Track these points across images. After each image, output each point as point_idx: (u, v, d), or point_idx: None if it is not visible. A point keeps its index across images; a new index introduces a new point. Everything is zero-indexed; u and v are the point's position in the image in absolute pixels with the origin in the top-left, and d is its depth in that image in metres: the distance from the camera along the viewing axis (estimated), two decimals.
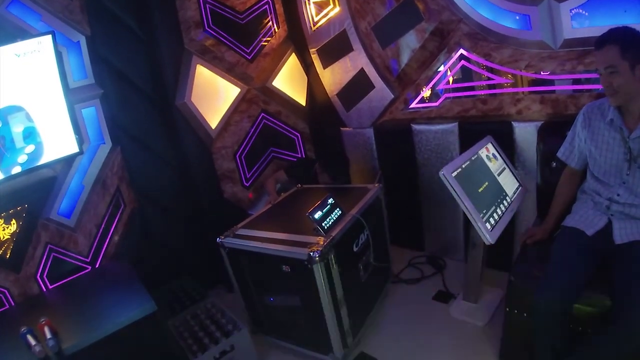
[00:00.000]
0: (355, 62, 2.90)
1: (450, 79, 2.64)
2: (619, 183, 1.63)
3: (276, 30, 3.19)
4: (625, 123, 1.58)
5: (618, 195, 1.63)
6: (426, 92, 2.74)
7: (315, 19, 3.08)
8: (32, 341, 1.69)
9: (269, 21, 3.14)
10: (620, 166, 1.62)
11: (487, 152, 2.20)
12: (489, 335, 2.10)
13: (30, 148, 2.19)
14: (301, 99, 3.39)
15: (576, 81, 2.18)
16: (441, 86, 2.65)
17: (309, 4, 3.06)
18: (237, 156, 3.05)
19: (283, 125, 3.32)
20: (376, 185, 2.50)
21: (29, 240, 2.25)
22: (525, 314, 1.73)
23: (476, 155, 2.12)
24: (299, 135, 3.37)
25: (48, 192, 2.33)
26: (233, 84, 3.02)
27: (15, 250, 2.21)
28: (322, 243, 1.89)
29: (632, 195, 1.60)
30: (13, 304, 2.22)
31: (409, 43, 2.69)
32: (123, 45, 2.56)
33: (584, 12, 1.99)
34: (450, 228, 2.82)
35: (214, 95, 2.93)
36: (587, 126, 1.72)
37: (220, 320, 2.28)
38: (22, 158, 2.17)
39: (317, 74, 3.24)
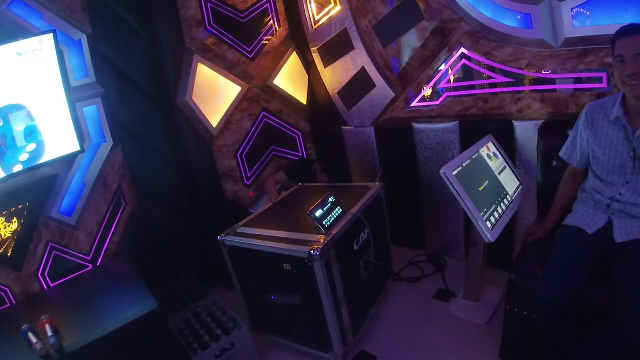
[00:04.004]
0: (357, 61, 2.90)
1: (451, 78, 2.63)
2: (622, 182, 1.63)
3: (277, 29, 3.19)
4: (630, 122, 1.58)
5: (620, 194, 1.63)
6: (427, 91, 2.74)
7: (317, 18, 3.08)
8: (34, 339, 1.70)
9: (270, 20, 3.14)
10: (624, 165, 1.61)
11: (488, 151, 2.20)
12: (489, 333, 2.10)
13: (31, 147, 2.20)
14: (302, 97, 3.39)
15: (577, 80, 2.18)
16: (442, 85, 2.65)
17: (310, 2, 3.06)
18: (238, 155, 3.05)
19: (284, 124, 3.32)
20: (377, 184, 2.50)
21: (30, 238, 2.26)
22: (525, 313, 1.74)
23: (477, 154, 2.12)
24: (300, 134, 3.37)
25: (49, 191, 2.34)
26: (234, 82, 3.02)
27: (17, 249, 2.22)
28: (322, 241, 1.89)
29: (636, 194, 1.59)
30: (14, 302, 2.22)
31: (410, 42, 2.68)
32: (124, 44, 2.56)
33: (585, 11, 1.99)
34: (451, 227, 2.82)
35: (215, 93, 2.93)
36: (590, 125, 1.71)
37: (221, 318, 2.28)
38: (23, 156, 2.18)
39: (318, 73, 3.23)
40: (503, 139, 2.32)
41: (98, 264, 2.52)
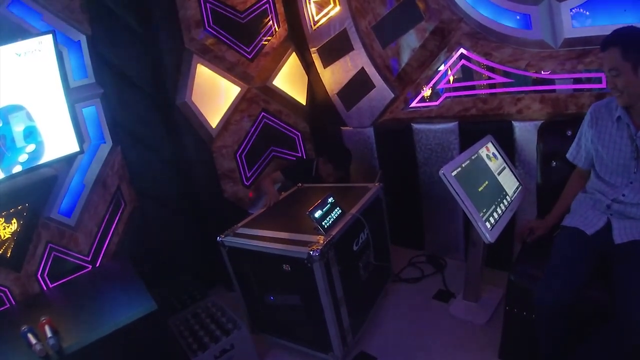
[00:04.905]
0: (356, 61, 2.90)
1: (451, 78, 2.63)
2: (625, 183, 1.62)
3: (276, 29, 3.19)
4: (632, 120, 1.58)
5: (623, 195, 1.62)
6: (426, 92, 2.74)
7: (316, 18, 3.08)
8: (33, 340, 1.69)
9: (269, 20, 3.14)
10: (627, 165, 1.60)
11: (487, 152, 2.20)
12: (488, 334, 2.10)
13: (30, 147, 2.20)
14: (301, 98, 3.39)
15: (577, 80, 2.18)
16: (441, 85, 2.65)
17: (310, 3, 3.06)
18: (237, 155, 3.05)
19: (283, 125, 3.32)
20: (376, 184, 2.50)
21: (30, 239, 2.25)
22: (525, 313, 1.74)
23: (476, 155, 2.12)
24: (299, 134, 3.37)
25: (49, 191, 2.33)
26: (233, 83, 3.02)
27: (16, 249, 2.21)
28: (322, 242, 1.89)
29: (639, 194, 1.59)
30: (14, 302, 2.22)
31: (410, 42, 2.69)
32: (124, 44, 2.56)
33: (584, 11, 1.99)
34: (451, 227, 2.82)
35: (214, 94, 2.93)
36: (594, 125, 1.71)
37: (220, 319, 2.28)
38: (22, 157, 2.17)
39: (318, 73, 3.24)
40: (502, 139, 2.32)
41: (97, 265, 2.52)
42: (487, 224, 1.90)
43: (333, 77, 3.12)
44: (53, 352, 1.66)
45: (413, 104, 2.79)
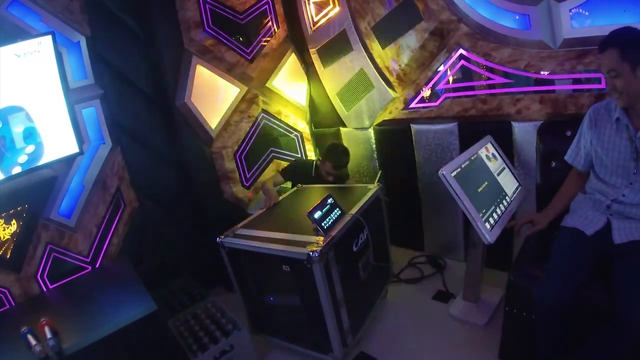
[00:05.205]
0: (355, 62, 2.90)
1: (450, 79, 2.63)
2: (625, 184, 1.62)
3: (276, 30, 3.19)
4: (631, 121, 1.58)
5: (623, 195, 1.62)
6: (426, 92, 2.74)
7: (315, 19, 3.08)
8: (33, 341, 1.69)
9: (268, 21, 3.14)
10: (627, 166, 1.60)
11: (487, 152, 2.20)
12: (488, 334, 2.10)
13: (30, 148, 2.20)
14: (301, 99, 3.40)
15: (576, 81, 2.18)
16: (441, 86, 2.65)
17: (309, 4, 3.06)
18: (237, 156, 3.05)
19: (283, 125, 3.32)
20: (376, 185, 2.50)
21: (30, 240, 2.26)
22: (525, 314, 1.74)
23: (476, 155, 2.12)
24: (299, 135, 3.37)
25: (48, 192, 2.34)
26: (233, 84, 3.02)
27: (16, 250, 2.22)
28: (321, 243, 1.89)
29: (639, 195, 1.59)
30: (13, 303, 2.22)
31: (409, 43, 2.69)
32: (123, 45, 2.57)
33: (583, 11, 1.99)
34: (450, 228, 2.82)
35: (213, 95, 2.93)
36: (594, 127, 1.70)
37: (220, 319, 2.28)
38: (22, 158, 2.17)
39: (317, 74, 3.24)
40: (502, 140, 2.32)
41: (97, 266, 2.52)
42: (487, 224, 1.90)
43: (332, 77, 3.12)
44: (53, 353, 1.66)
45: (412, 105, 2.79)
